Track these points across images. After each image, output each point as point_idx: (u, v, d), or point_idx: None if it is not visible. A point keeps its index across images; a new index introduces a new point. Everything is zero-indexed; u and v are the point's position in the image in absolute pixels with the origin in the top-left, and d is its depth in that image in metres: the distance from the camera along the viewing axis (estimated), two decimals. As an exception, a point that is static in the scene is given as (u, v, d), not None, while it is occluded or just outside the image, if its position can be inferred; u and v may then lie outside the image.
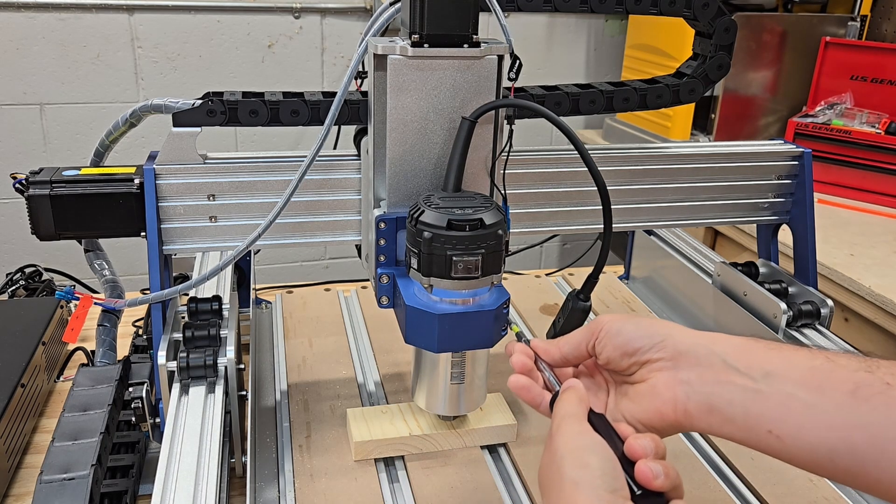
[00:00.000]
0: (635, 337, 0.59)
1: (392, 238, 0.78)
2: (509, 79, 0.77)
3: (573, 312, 0.77)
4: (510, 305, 0.75)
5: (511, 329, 0.74)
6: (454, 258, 0.68)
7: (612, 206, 0.74)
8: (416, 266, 0.71)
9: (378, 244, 0.78)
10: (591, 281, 0.76)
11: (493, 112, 0.75)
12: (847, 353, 0.53)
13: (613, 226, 0.75)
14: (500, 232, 0.70)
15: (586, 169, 0.73)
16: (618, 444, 0.52)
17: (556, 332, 0.79)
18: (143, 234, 0.80)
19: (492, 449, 0.89)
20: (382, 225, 0.77)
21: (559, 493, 0.49)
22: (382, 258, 0.78)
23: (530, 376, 0.63)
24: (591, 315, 0.92)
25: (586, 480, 0.48)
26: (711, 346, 0.56)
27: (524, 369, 0.63)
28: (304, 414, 0.93)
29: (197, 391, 0.78)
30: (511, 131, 0.79)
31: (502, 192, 0.80)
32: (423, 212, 0.70)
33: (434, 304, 0.72)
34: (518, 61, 0.76)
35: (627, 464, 0.51)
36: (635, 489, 0.49)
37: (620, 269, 1.39)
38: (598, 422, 0.54)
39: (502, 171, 0.81)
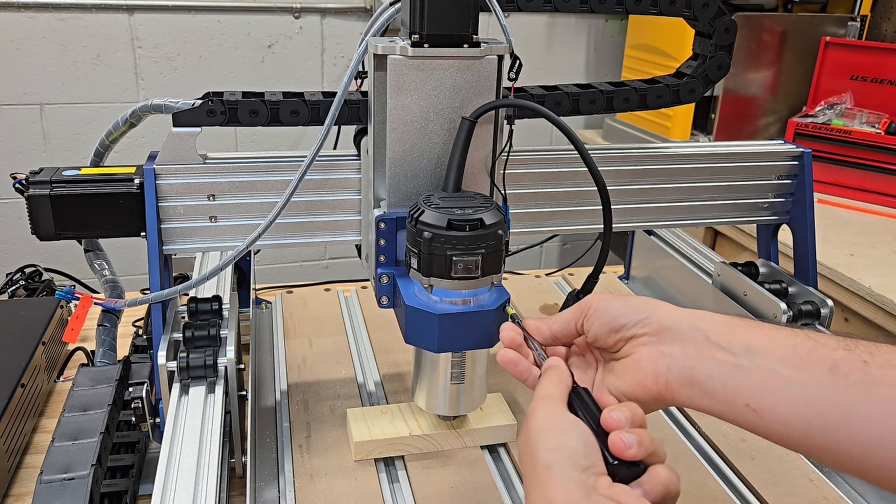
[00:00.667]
0: (622, 313, 0.60)
1: (392, 238, 0.78)
2: (509, 79, 0.77)
3: (573, 312, 0.77)
4: (510, 305, 0.75)
5: (506, 311, 0.73)
6: (454, 258, 0.68)
7: (612, 206, 0.74)
8: (416, 266, 0.71)
9: (378, 244, 0.78)
10: (591, 281, 0.76)
11: (493, 112, 0.75)
12: (827, 333, 0.54)
13: (613, 226, 0.75)
14: (500, 232, 0.70)
15: (586, 169, 0.73)
16: (597, 417, 0.53)
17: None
18: (143, 234, 0.80)
19: (492, 449, 0.89)
20: (382, 225, 0.77)
21: (533, 477, 0.50)
22: (382, 258, 0.78)
23: (520, 352, 0.64)
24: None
25: (557, 463, 0.49)
26: (695, 322, 0.57)
27: (513, 344, 0.64)
28: (304, 414, 0.93)
29: (197, 391, 0.78)
30: (511, 131, 0.79)
31: (502, 192, 0.80)
32: (423, 212, 0.70)
33: (434, 304, 0.72)
34: (518, 61, 0.76)
35: (605, 435, 0.52)
36: (611, 460, 0.50)
37: (620, 269, 1.39)
38: (578, 397, 0.56)
39: (502, 171, 0.81)
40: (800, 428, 0.50)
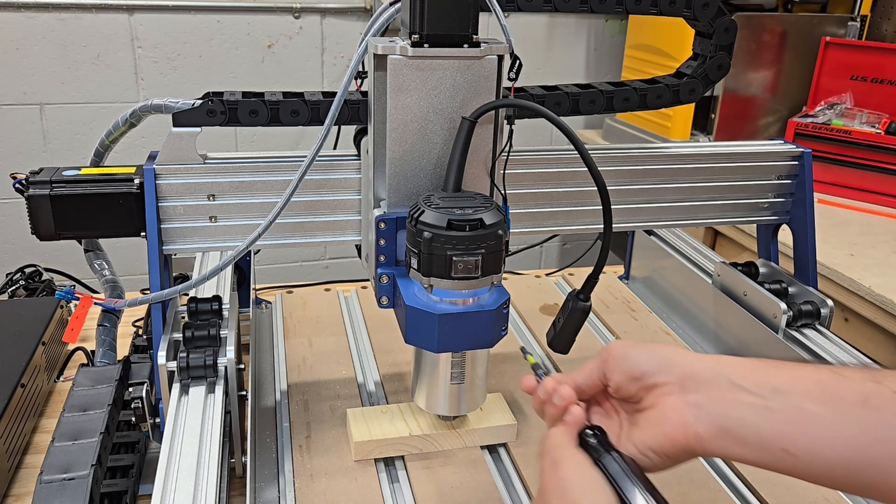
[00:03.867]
0: (642, 360, 0.58)
1: (392, 238, 0.78)
2: (509, 79, 0.77)
3: (573, 312, 0.77)
4: (510, 305, 0.75)
5: (527, 359, 0.71)
6: (454, 258, 0.68)
7: (612, 206, 0.74)
8: (416, 266, 0.71)
9: (378, 244, 0.78)
10: (591, 281, 0.76)
11: (493, 112, 0.75)
12: (850, 365, 0.53)
13: (613, 226, 0.75)
14: (500, 232, 0.70)
15: (586, 169, 0.73)
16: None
17: (555, 331, 0.79)
18: (143, 234, 0.80)
19: (492, 449, 0.89)
20: (382, 225, 0.77)
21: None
22: (382, 258, 0.78)
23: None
24: (591, 315, 0.92)
25: None
26: (717, 366, 0.55)
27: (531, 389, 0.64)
28: (304, 414, 0.93)
29: (197, 391, 0.78)
30: (511, 131, 0.79)
31: (502, 192, 0.80)
32: (423, 212, 0.70)
33: (434, 304, 0.72)
34: (518, 61, 0.76)
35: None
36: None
37: (620, 269, 1.39)
38: (588, 441, 0.57)
39: (502, 171, 0.80)
40: (842, 467, 0.49)
